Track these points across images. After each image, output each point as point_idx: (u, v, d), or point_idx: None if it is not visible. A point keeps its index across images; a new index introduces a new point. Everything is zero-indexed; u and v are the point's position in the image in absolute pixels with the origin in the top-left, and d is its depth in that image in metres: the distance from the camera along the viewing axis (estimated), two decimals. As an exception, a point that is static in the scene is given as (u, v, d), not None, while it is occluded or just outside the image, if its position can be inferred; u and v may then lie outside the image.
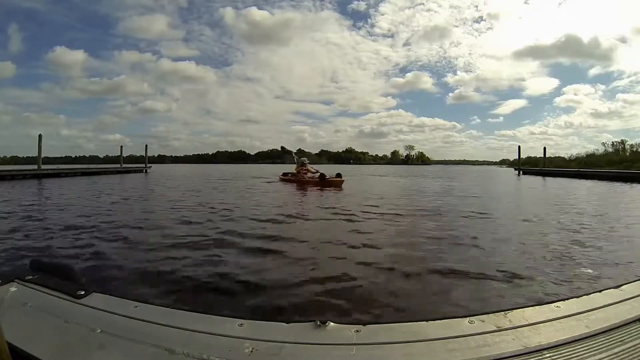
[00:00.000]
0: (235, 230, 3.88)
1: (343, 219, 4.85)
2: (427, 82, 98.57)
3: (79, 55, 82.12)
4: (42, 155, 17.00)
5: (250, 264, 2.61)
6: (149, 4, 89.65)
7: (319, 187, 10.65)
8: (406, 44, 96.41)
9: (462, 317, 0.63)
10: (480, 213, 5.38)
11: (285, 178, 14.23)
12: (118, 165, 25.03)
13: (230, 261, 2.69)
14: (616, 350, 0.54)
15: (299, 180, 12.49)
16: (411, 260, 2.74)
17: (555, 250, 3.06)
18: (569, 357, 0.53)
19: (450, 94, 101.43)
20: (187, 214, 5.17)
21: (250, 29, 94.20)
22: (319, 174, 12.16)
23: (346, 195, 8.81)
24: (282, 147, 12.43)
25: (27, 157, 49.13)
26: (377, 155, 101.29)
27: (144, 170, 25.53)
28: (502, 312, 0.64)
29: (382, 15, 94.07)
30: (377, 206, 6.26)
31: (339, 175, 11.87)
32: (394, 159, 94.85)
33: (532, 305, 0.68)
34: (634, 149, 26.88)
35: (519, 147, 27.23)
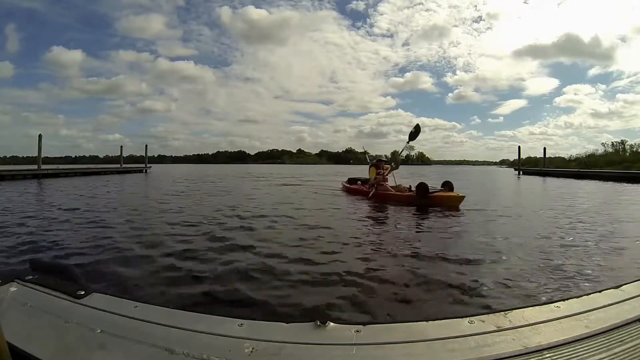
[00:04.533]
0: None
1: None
2: (426, 82, 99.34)
3: (76, 55, 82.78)
4: (42, 155, 17.01)
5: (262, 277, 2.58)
6: (146, 3, 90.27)
7: (414, 206, 6.08)
8: (405, 43, 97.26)
9: (462, 317, 0.63)
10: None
11: (354, 188, 8.94)
12: (118, 165, 25.01)
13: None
14: (616, 350, 0.54)
15: (378, 194, 7.35)
16: None
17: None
18: (569, 357, 0.53)
19: (450, 94, 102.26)
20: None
21: (248, 28, 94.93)
22: (406, 185, 7.31)
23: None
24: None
25: (26, 157, 49.27)
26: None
27: (144, 170, 25.53)
28: (502, 312, 0.64)
29: (381, 15, 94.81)
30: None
31: (447, 184, 6.65)
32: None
33: (532, 305, 0.68)
34: (634, 149, 26.90)
35: (519, 147, 27.16)
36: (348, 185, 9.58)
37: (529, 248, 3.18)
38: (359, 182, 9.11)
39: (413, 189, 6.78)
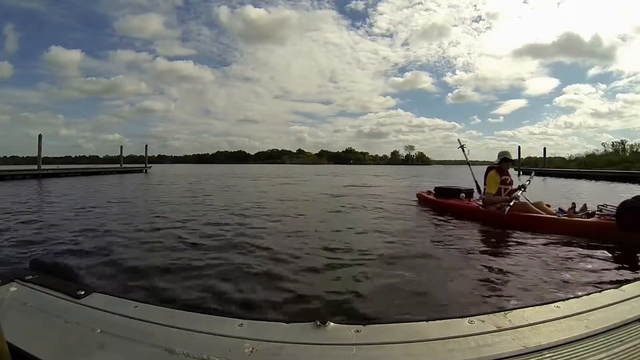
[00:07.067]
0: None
1: None
2: (426, 81, 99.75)
3: (75, 55, 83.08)
4: (42, 155, 17.02)
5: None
6: (144, 3, 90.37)
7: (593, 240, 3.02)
8: (405, 43, 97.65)
9: (462, 317, 0.63)
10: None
11: (450, 203, 5.25)
12: (118, 165, 25.02)
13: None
14: (616, 350, 0.54)
15: (513, 216, 3.83)
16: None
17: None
18: (569, 357, 0.53)
19: (450, 94, 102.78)
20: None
21: (246, 28, 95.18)
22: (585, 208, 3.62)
23: None
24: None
25: (26, 157, 49.31)
26: (377, 155, 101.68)
27: (144, 170, 25.52)
28: (502, 312, 0.65)
29: (381, 14, 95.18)
30: None
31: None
32: (394, 159, 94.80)
33: (532, 305, 0.68)
34: (634, 149, 26.85)
35: (519, 147, 27.18)
36: (438, 198, 5.69)
37: None
38: (463, 194, 5.41)
39: (566, 208, 3.81)
